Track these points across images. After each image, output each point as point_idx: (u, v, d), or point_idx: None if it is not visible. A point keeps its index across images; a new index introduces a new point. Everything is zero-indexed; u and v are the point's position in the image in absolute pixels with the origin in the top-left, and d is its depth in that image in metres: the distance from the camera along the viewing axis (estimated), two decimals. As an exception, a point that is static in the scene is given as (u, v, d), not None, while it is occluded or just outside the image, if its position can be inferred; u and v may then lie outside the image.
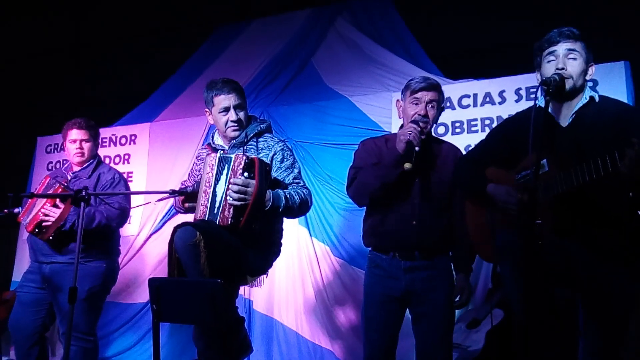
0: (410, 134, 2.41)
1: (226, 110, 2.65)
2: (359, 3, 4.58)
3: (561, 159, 2.03)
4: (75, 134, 3.38)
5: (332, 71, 4.46)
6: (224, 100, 2.65)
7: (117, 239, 3.43)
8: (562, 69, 2.07)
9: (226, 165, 2.48)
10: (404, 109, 2.62)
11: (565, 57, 2.09)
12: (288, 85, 4.57)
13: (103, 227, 3.21)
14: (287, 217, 2.73)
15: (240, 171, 2.42)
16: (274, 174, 2.62)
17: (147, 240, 4.61)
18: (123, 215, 3.32)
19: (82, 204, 2.61)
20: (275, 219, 2.66)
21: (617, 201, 2.03)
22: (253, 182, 2.42)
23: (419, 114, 2.52)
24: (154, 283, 2.19)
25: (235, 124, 2.66)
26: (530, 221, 1.87)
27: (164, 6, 5.42)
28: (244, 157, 2.45)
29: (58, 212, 3.10)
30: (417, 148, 2.40)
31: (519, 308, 2.08)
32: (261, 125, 2.73)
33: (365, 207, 2.71)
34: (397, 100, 2.69)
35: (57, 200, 3.10)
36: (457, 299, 2.57)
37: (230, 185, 2.42)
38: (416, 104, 2.56)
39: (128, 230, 4.55)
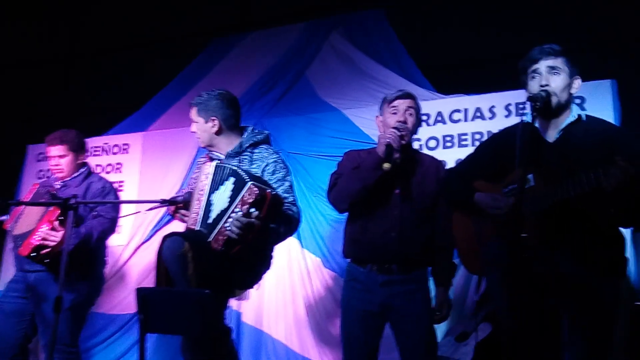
0: (390, 137, 2.45)
1: None
2: (354, 18, 4.61)
3: (547, 175, 2.06)
4: (51, 150, 3.32)
5: (326, 84, 4.48)
6: None
7: (103, 249, 3.40)
8: (546, 85, 2.11)
9: (231, 179, 2.44)
10: (383, 121, 2.66)
11: (547, 74, 2.12)
12: (282, 97, 4.59)
13: (101, 241, 3.22)
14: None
15: (248, 205, 2.34)
16: None
17: (136, 250, 4.58)
18: (114, 225, 3.31)
19: (71, 212, 2.59)
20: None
21: (601, 215, 2.06)
22: (257, 223, 2.36)
23: (398, 121, 2.56)
24: (141, 293, 2.18)
25: None
26: (516, 235, 1.89)
27: (160, 16, 5.44)
28: (257, 191, 2.35)
29: (59, 235, 2.99)
30: (397, 155, 2.44)
31: (506, 319, 2.09)
32: (258, 136, 2.73)
33: (346, 216, 2.71)
34: (377, 117, 2.72)
35: (57, 223, 2.99)
36: (437, 313, 2.58)
37: (234, 218, 2.35)
38: (395, 113, 2.60)
39: (117, 240, 4.50)
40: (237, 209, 2.36)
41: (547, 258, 2.03)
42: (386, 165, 2.38)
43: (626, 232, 2.61)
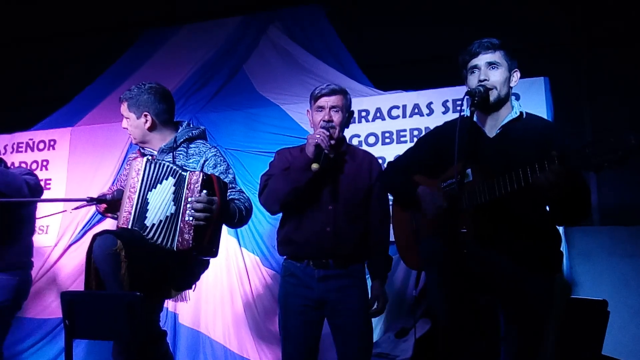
0: (318, 137, 2.44)
1: None
2: (292, 12, 4.58)
3: (486, 169, 2.07)
4: None
5: (264, 79, 4.43)
6: None
7: (30, 250, 3.22)
8: (485, 80, 2.12)
9: (170, 178, 2.35)
10: (311, 118, 2.66)
11: (486, 69, 2.14)
12: (219, 92, 4.49)
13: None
14: (236, 227, 2.72)
15: (199, 187, 2.28)
16: None
17: (65, 251, 4.36)
18: (37, 188, 3.12)
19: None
20: None
21: (537, 212, 2.11)
22: (215, 199, 2.30)
23: (323, 120, 2.56)
24: (66, 297, 2.04)
25: None
26: (454, 229, 1.89)
27: (89, 8, 5.20)
28: (201, 174, 2.31)
29: None
30: (326, 151, 2.44)
31: (442, 315, 2.11)
32: (193, 131, 2.64)
33: (280, 216, 2.69)
34: (307, 110, 2.72)
35: None
36: (374, 307, 2.59)
37: (192, 204, 2.27)
38: (320, 111, 2.59)
39: (45, 240, 4.31)
40: (188, 199, 2.30)
41: (484, 253, 2.05)
42: (314, 166, 2.39)
43: (559, 227, 2.70)
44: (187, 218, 2.29)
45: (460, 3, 4.28)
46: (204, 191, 2.29)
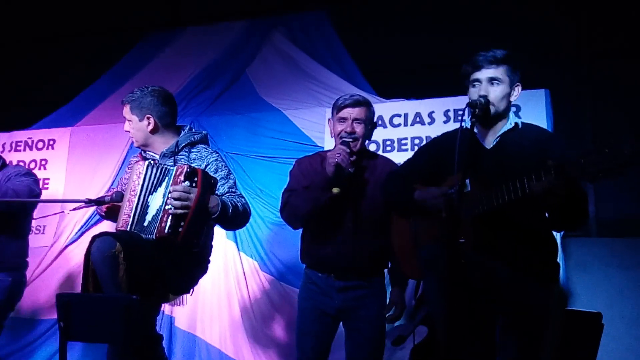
0: (339, 156, 2.42)
1: None
2: (296, 18, 4.59)
3: (484, 180, 2.09)
4: None
5: (266, 84, 4.43)
6: None
7: (25, 250, 3.21)
8: (484, 96, 2.12)
9: (166, 178, 2.37)
10: (332, 127, 2.64)
11: (487, 84, 2.14)
12: (220, 95, 4.49)
13: (8, 202, 2.98)
14: (229, 228, 2.71)
15: (182, 179, 2.31)
16: None
17: (62, 252, 4.34)
18: (31, 193, 3.08)
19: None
20: (208, 236, 2.56)
21: (535, 221, 2.12)
22: (195, 189, 2.31)
23: (345, 132, 2.53)
24: (62, 299, 2.03)
25: None
26: (453, 239, 1.90)
27: (92, 9, 5.20)
28: (186, 166, 2.35)
29: None
30: (350, 169, 2.44)
31: (441, 323, 2.11)
32: (195, 136, 2.64)
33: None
34: (329, 120, 2.70)
35: None
36: (391, 312, 2.63)
37: (170, 193, 2.30)
38: (343, 122, 2.57)
39: (41, 240, 4.29)
40: (171, 188, 2.31)
41: (482, 263, 2.06)
42: (335, 190, 2.39)
43: (557, 235, 2.70)
44: (166, 207, 2.31)
45: (463, 13, 4.29)
46: (186, 182, 2.31)
